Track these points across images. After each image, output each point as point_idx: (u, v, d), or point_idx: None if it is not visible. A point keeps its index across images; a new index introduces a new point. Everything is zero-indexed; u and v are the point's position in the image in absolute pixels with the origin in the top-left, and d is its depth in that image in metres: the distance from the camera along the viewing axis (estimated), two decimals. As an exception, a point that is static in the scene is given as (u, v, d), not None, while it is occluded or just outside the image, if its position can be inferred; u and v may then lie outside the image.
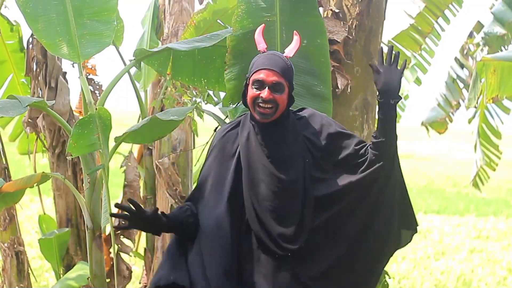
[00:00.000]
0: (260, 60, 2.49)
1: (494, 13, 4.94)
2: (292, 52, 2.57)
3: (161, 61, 3.58)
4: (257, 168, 2.49)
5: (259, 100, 2.43)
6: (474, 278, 7.76)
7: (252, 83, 2.46)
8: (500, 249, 9.60)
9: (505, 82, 3.49)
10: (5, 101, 3.12)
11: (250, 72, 2.49)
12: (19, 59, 4.74)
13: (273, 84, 2.44)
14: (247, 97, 2.48)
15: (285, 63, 2.50)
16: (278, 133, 2.50)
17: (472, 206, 13.52)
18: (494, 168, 6.50)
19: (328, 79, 3.29)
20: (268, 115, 2.45)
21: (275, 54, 2.54)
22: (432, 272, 7.97)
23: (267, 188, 2.47)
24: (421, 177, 18.72)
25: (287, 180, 2.46)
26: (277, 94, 2.45)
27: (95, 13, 3.35)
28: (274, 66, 2.46)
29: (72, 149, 3.01)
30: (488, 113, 6.17)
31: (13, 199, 3.59)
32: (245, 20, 3.25)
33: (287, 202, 2.47)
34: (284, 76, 2.47)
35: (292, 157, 2.49)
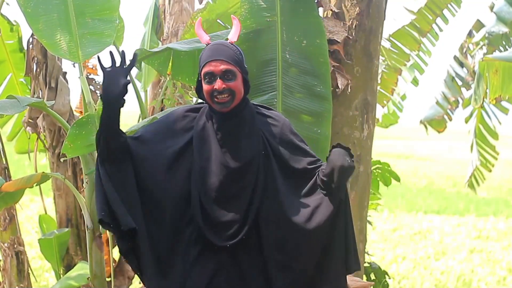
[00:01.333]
0: (206, 53, 2.47)
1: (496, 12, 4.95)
2: (235, 36, 2.55)
3: (162, 61, 3.58)
4: (208, 158, 2.46)
5: (215, 92, 2.42)
6: (474, 278, 7.76)
7: (204, 77, 2.44)
8: (500, 249, 9.60)
9: (507, 82, 3.49)
10: (5, 101, 3.12)
11: (200, 67, 2.47)
12: (18, 59, 4.74)
13: (223, 72, 2.42)
14: (204, 94, 2.46)
15: (231, 49, 2.47)
16: (235, 123, 2.48)
17: (472, 206, 13.52)
18: (490, 168, 6.49)
19: (327, 79, 3.30)
20: (225, 103, 2.43)
21: (219, 43, 2.50)
22: (432, 272, 7.97)
23: (216, 178, 2.44)
24: (421, 177, 18.72)
25: (236, 170, 2.45)
26: (230, 82, 2.42)
27: (97, 11, 3.34)
28: (220, 55, 2.43)
29: (67, 150, 3.00)
30: (485, 114, 6.17)
31: (13, 199, 3.59)
32: (248, 20, 3.26)
33: (234, 193, 2.45)
34: (233, 62, 2.44)
35: (246, 148, 2.47)
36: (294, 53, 3.26)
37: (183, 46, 3.34)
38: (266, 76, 3.26)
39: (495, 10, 4.95)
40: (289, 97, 3.23)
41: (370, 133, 3.69)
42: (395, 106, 6.37)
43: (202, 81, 2.46)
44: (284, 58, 3.25)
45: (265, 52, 3.26)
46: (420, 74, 5.87)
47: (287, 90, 3.24)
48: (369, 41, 3.61)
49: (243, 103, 2.49)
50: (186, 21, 4.58)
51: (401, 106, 6.48)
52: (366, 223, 3.85)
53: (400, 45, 5.44)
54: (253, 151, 2.47)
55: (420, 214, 12.44)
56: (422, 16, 5.44)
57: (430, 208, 13.12)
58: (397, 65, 5.45)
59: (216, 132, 2.48)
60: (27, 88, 4.74)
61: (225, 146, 2.47)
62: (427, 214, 12.58)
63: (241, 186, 2.45)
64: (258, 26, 3.20)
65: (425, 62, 5.78)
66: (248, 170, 2.46)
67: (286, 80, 3.24)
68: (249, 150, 2.47)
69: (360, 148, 3.63)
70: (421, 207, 13.11)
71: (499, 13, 4.90)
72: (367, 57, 3.61)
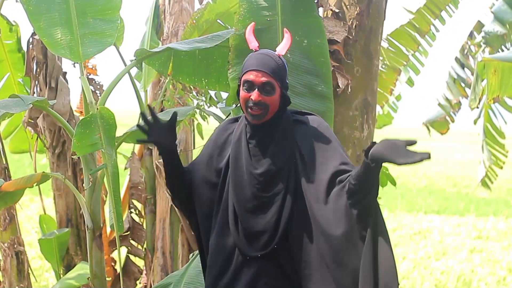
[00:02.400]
0: (250, 61, 2.46)
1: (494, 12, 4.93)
2: (284, 50, 2.54)
3: (162, 61, 3.58)
4: (241, 168, 2.47)
5: (250, 103, 2.41)
6: (474, 278, 7.76)
7: (243, 84, 2.44)
8: (500, 249, 9.60)
9: (506, 82, 3.48)
10: (8, 100, 3.13)
11: (241, 73, 2.47)
12: (16, 59, 4.74)
13: (263, 84, 2.41)
14: (240, 98, 2.46)
15: (276, 62, 2.46)
16: (267, 134, 2.47)
17: (472, 206, 13.52)
18: (501, 166, 6.50)
19: (329, 79, 3.29)
20: (258, 116, 2.42)
21: (266, 53, 2.48)
22: (432, 272, 7.97)
23: (248, 187, 2.45)
24: (421, 177, 18.73)
25: (266, 179, 2.44)
26: (268, 95, 2.41)
27: (99, 11, 3.33)
28: (264, 66, 2.42)
29: (76, 148, 3.00)
30: (492, 113, 6.17)
31: (13, 199, 3.58)
32: (247, 20, 3.25)
33: (265, 202, 2.44)
34: (275, 76, 2.43)
35: (276, 156, 2.45)
36: (295, 52, 3.26)
37: (183, 46, 3.34)
38: None
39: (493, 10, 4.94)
40: (292, 97, 3.22)
41: (370, 133, 3.69)
42: (389, 106, 6.37)
43: (240, 86, 2.46)
44: (285, 56, 3.24)
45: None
46: (416, 75, 5.85)
47: (289, 90, 3.22)
48: (369, 41, 3.61)
49: (277, 116, 2.47)
50: (186, 21, 4.58)
51: (395, 106, 6.47)
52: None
53: (399, 45, 5.44)
54: (283, 159, 2.45)
55: (420, 214, 12.45)
56: (421, 16, 5.44)
57: (430, 208, 13.13)
58: (396, 65, 5.44)
59: (248, 141, 2.48)
60: (24, 88, 4.75)
61: (256, 155, 2.47)
62: (427, 214, 12.58)
63: (271, 195, 2.44)
64: (258, 26, 3.19)
65: (421, 62, 5.76)
66: (277, 179, 2.44)
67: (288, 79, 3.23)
68: (279, 158, 2.45)
69: (360, 148, 3.63)
70: (421, 207, 13.11)
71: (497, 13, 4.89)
72: (367, 57, 3.61)
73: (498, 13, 4.90)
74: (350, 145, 3.59)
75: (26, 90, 4.71)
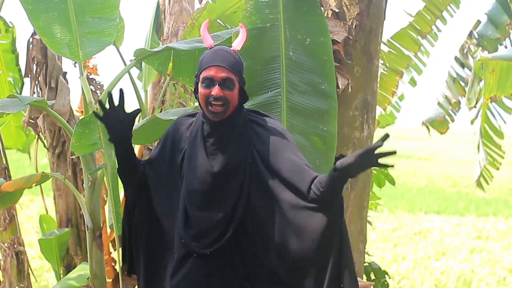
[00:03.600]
0: (208, 57, 2.44)
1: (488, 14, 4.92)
2: (240, 45, 2.53)
3: (162, 61, 3.58)
4: (195, 165, 2.46)
5: (211, 98, 2.40)
6: (474, 278, 7.76)
7: (202, 81, 2.42)
8: (500, 249, 9.60)
9: (503, 81, 3.47)
10: (6, 100, 3.13)
11: (199, 70, 2.45)
12: (9, 59, 4.74)
13: (223, 80, 2.39)
14: (199, 97, 2.44)
15: (234, 58, 2.45)
16: (225, 132, 2.46)
17: (472, 206, 13.53)
18: (498, 167, 6.49)
19: (332, 77, 3.28)
20: (219, 113, 2.41)
21: (223, 49, 2.47)
22: (432, 272, 7.97)
23: (200, 184, 2.44)
24: (421, 177, 18.72)
25: (220, 176, 2.42)
26: (228, 91, 2.40)
27: (97, 10, 3.32)
28: (223, 62, 2.41)
29: (75, 148, 3.01)
30: (490, 113, 6.17)
31: (12, 199, 3.58)
32: (253, 16, 3.25)
33: (218, 199, 2.43)
34: (234, 71, 2.42)
35: (232, 154, 2.44)
36: (297, 50, 3.25)
37: (183, 46, 3.34)
38: (270, 74, 3.25)
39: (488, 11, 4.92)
40: (294, 95, 3.21)
41: (370, 133, 3.68)
42: (392, 106, 6.37)
43: (199, 83, 2.44)
44: (288, 55, 3.23)
45: (269, 49, 3.25)
46: (418, 75, 5.85)
47: (292, 88, 3.21)
48: (369, 41, 3.61)
49: (235, 112, 2.46)
50: (186, 21, 4.58)
51: (398, 106, 6.47)
52: (366, 223, 3.85)
53: (400, 47, 5.44)
54: (239, 157, 2.44)
55: (420, 214, 12.45)
56: (422, 17, 5.44)
57: (430, 208, 13.13)
58: (398, 67, 5.44)
59: (205, 139, 2.47)
60: (14, 87, 4.75)
61: (212, 153, 2.45)
62: (427, 214, 12.58)
63: (225, 193, 2.43)
64: (262, 23, 3.19)
65: (423, 62, 5.76)
66: (232, 176, 2.43)
67: (290, 77, 3.22)
68: (235, 156, 2.44)
69: (360, 148, 3.63)
70: (421, 207, 13.11)
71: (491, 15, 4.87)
72: (367, 57, 3.61)
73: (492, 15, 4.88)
74: (350, 145, 3.59)
75: (16, 90, 4.71)
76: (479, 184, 6.67)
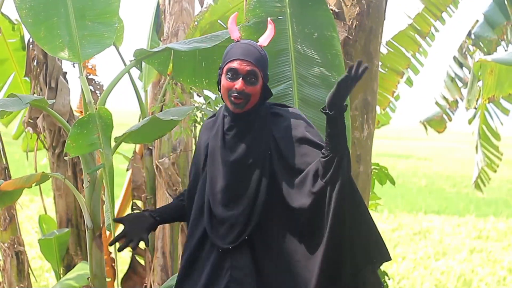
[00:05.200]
0: (234, 50, 2.45)
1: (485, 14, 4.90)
2: (267, 41, 2.53)
3: (162, 61, 3.57)
4: (217, 159, 2.48)
5: (234, 92, 2.40)
6: (474, 278, 7.76)
7: (226, 72, 2.43)
8: (500, 249, 9.61)
9: (502, 82, 3.47)
10: (6, 99, 3.12)
11: (224, 61, 2.46)
12: (21, 57, 4.73)
13: (247, 73, 2.40)
14: (221, 88, 2.45)
15: (260, 53, 2.46)
16: (245, 126, 2.46)
17: (472, 206, 13.53)
18: (495, 169, 6.50)
19: (342, 71, 3.26)
20: (240, 104, 2.41)
21: (249, 43, 2.48)
22: (432, 272, 7.97)
23: (223, 179, 2.45)
24: (421, 177, 18.73)
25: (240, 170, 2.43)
26: (251, 86, 2.41)
27: (97, 15, 3.33)
28: (249, 55, 2.42)
29: (70, 149, 3.00)
30: (488, 115, 6.17)
31: (11, 198, 3.57)
32: (257, 9, 3.26)
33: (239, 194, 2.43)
34: (259, 66, 2.43)
35: (251, 148, 2.44)
36: (306, 44, 3.25)
37: (183, 46, 3.33)
38: (279, 67, 3.24)
39: (485, 12, 4.90)
40: (305, 87, 3.20)
41: (370, 133, 3.68)
42: (387, 106, 6.37)
43: (223, 75, 2.44)
44: (296, 49, 3.23)
45: (276, 42, 3.22)
46: (415, 75, 5.85)
47: (302, 80, 3.20)
48: (369, 41, 3.61)
49: (256, 106, 2.47)
50: (186, 21, 4.58)
51: (394, 106, 6.47)
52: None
53: (401, 47, 5.44)
54: (258, 151, 2.45)
55: (420, 214, 12.45)
56: (422, 18, 5.45)
57: (430, 208, 13.13)
58: (399, 67, 5.45)
59: (225, 132, 2.48)
60: (30, 86, 4.74)
61: (232, 147, 2.46)
62: (427, 214, 12.59)
63: (245, 186, 2.43)
64: (267, 16, 3.19)
65: (421, 62, 5.77)
66: (252, 170, 2.43)
67: (300, 70, 3.21)
68: (254, 149, 2.45)
69: (360, 148, 3.63)
70: (421, 207, 13.12)
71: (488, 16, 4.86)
72: (367, 57, 3.61)
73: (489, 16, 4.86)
74: (350, 145, 3.59)
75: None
76: (477, 185, 6.68)
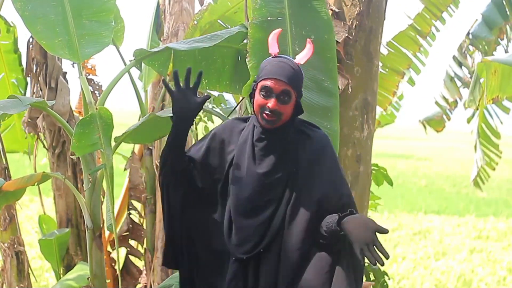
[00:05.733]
0: (270, 68, 2.45)
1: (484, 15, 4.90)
2: (304, 59, 2.53)
3: (162, 61, 3.58)
4: (243, 168, 2.49)
5: (266, 110, 2.42)
6: (474, 278, 7.76)
7: (260, 89, 2.44)
8: (500, 249, 9.61)
9: (506, 82, 3.47)
10: (6, 101, 3.12)
11: (259, 78, 2.46)
12: (11, 60, 4.73)
13: (281, 92, 2.42)
14: (254, 103, 2.47)
15: (295, 71, 2.46)
16: (275, 140, 2.48)
17: (472, 206, 13.53)
18: (494, 167, 6.51)
19: (334, 75, 3.28)
20: (271, 121, 2.44)
21: (285, 62, 2.47)
22: (432, 272, 7.97)
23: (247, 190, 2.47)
24: (421, 177, 18.73)
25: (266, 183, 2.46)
26: (283, 104, 2.43)
27: (94, 13, 3.34)
28: (284, 76, 2.42)
29: (75, 148, 3.01)
30: (487, 113, 6.18)
31: (15, 196, 3.58)
32: (263, 8, 3.27)
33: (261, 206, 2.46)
34: (292, 85, 2.43)
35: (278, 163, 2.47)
36: (302, 47, 3.25)
37: (183, 46, 3.34)
38: None
39: (483, 12, 4.90)
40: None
41: (370, 133, 3.69)
42: (391, 106, 6.38)
43: (257, 91, 2.45)
44: (294, 51, 3.24)
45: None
46: (417, 74, 5.86)
47: None
48: (369, 41, 3.61)
49: (287, 124, 2.48)
50: (186, 21, 4.58)
51: (398, 106, 6.48)
52: None
53: (401, 47, 5.44)
54: (285, 167, 2.47)
55: (420, 214, 12.45)
56: (422, 18, 5.45)
57: (430, 208, 13.13)
58: (400, 67, 5.45)
59: (254, 143, 2.49)
60: (18, 88, 4.74)
61: (260, 159, 2.48)
62: (427, 214, 12.59)
63: (267, 201, 2.47)
64: (271, 16, 3.20)
65: (422, 62, 5.77)
66: (276, 185, 2.46)
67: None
68: (282, 165, 2.47)
69: (360, 148, 3.63)
70: (421, 207, 13.12)
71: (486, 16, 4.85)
72: (367, 57, 3.61)
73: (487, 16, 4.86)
74: (350, 145, 3.59)
75: (20, 91, 4.71)
76: (476, 183, 6.69)
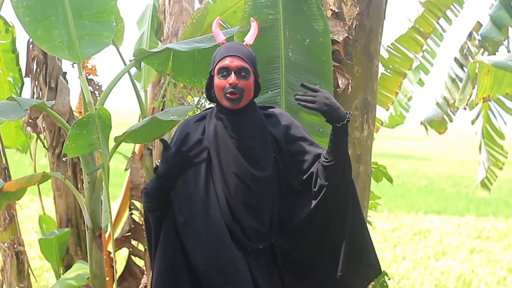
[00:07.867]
0: (222, 49, 2.48)
1: (492, 15, 4.91)
2: (252, 39, 2.57)
3: (161, 61, 3.58)
4: (228, 161, 2.46)
5: (228, 89, 2.42)
6: (474, 278, 7.76)
7: (218, 72, 2.44)
8: (500, 249, 9.61)
9: (498, 82, 3.46)
10: (5, 104, 3.08)
11: (214, 63, 2.47)
12: (9, 59, 4.73)
13: (239, 69, 2.43)
14: (215, 88, 2.46)
15: (248, 50, 2.49)
16: (247, 126, 2.48)
17: (472, 206, 13.53)
18: (501, 167, 6.52)
19: (329, 78, 3.29)
20: (236, 99, 2.43)
21: (236, 43, 2.55)
22: (432, 272, 7.97)
23: (240, 181, 2.45)
24: (421, 177, 18.73)
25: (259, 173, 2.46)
26: (243, 80, 2.43)
27: (94, 14, 3.34)
28: (237, 52, 2.45)
29: (68, 150, 3.00)
30: (491, 114, 6.18)
31: (16, 196, 3.58)
32: (253, 16, 3.26)
33: (260, 195, 2.46)
34: (249, 61, 2.46)
35: (262, 151, 2.48)
36: (296, 51, 3.26)
37: (183, 46, 3.34)
38: (270, 74, 3.27)
39: (491, 13, 4.91)
40: (291, 95, 3.22)
41: (370, 133, 3.68)
42: (401, 107, 6.38)
43: (214, 76, 2.46)
44: (287, 56, 3.25)
45: (269, 49, 3.26)
46: (426, 75, 5.89)
47: (290, 88, 3.24)
48: (369, 41, 3.61)
49: (252, 105, 2.50)
50: (186, 21, 4.58)
51: (407, 106, 6.47)
52: (366, 223, 3.84)
53: (403, 49, 5.45)
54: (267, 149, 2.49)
55: (420, 214, 12.45)
56: (424, 18, 5.45)
57: (430, 208, 13.13)
58: (401, 69, 5.45)
59: (230, 135, 2.47)
60: (14, 87, 4.74)
61: (242, 149, 2.46)
62: (427, 214, 12.59)
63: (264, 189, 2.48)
64: (261, 24, 3.20)
65: (430, 62, 5.79)
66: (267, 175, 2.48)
67: (289, 78, 3.25)
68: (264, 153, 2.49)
69: (360, 148, 3.63)
70: (421, 207, 13.12)
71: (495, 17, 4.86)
72: (367, 57, 3.61)
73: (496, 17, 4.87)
74: (350, 145, 3.59)
75: (16, 90, 4.71)
76: (483, 184, 6.69)
